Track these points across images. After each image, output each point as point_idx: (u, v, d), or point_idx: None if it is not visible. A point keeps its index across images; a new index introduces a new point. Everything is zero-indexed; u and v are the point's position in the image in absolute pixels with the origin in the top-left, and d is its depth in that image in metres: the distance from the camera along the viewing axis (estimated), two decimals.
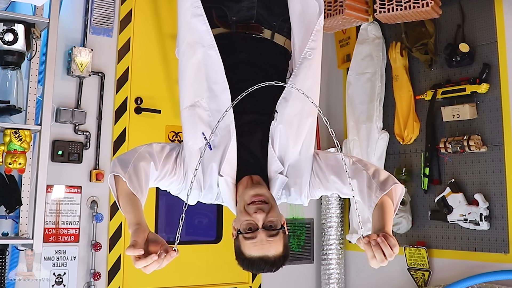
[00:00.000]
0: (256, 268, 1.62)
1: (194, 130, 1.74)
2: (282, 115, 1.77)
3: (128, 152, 1.72)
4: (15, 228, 2.95)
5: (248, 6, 1.90)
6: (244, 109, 1.76)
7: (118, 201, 1.59)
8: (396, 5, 3.25)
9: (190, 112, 1.77)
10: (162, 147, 1.75)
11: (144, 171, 1.62)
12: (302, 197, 1.81)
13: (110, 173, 1.62)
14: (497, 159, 3.16)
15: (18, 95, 2.88)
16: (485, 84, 3.19)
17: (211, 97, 1.76)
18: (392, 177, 1.72)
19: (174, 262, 1.40)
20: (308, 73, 1.81)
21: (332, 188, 1.78)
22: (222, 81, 1.74)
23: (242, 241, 1.61)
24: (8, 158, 2.81)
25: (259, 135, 1.80)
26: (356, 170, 1.73)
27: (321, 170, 1.77)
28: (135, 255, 1.32)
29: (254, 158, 1.80)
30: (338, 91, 4.21)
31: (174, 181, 1.75)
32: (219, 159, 1.73)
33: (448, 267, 3.34)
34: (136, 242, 1.35)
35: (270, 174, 1.78)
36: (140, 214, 1.50)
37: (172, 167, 1.73)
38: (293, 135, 1.78)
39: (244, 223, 1.60)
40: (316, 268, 4.06)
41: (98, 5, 3.33)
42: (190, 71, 1.77)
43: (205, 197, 1.81)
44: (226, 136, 1.73)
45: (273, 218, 1.60)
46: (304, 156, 1.80)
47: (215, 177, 1.74)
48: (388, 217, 1.58)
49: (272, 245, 1.59)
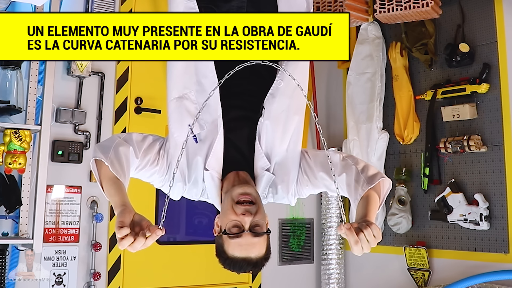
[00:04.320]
0: (237, 268, 1.62)
1: (180, 122, 1.74)
2: (269, 111, 1.76)
3: (108, 139, 1.74)
4: (15, 228, 2.95)
5: (238, 5, 1.91)
6: (232, 105, 1.76)
7: (102, 185, 1.60)
8: (396, 5, 3.26)
9: (177, 103, 1.77)
10: (143, 137, 1.75)
11: (125, 156, 1.63)
12: (289, 195, 1.81)
13: (92, 158, 1.63)
14: (497, 159, 3.16)
15: (18, 95, 2.88)
16: (485, 84, 3.19)
17: (200, 90, 1.76)
18: (381, 172, 1.72)
19: (174, 262, 1.40)
20: (297, 69, 1.81)
21: (320, 186, 1.78)
22: (211, 75, 1.74)
23: (226, 241, 1.60)
24: (8, 158, 2.81)
25: (246, 131, 1.80)
26: (345, 165, 1.74)
27: (309, 167, 1.77)
28: (122, 235, 1.32)
29: (241, 154, 1.79)
30: (338, 91, 4.21)
31: (156, 171, 1.74)
32: (205, 153, 1.73)
33: (448, 267, 3.35)
34: (123, 222, 1.35)
35: (256, 170, 1.78)
36: (124, 196, 1.51)
37: (155, 158, 1.72)
38: (280, 131, 1.78)
39: (230, 223, 1.59)
40: (316, 268, 4.06)
41: (98, 5, 3.33)
42: (180, 63, 1.77)
43: (190, 192, 1.80)
44: (213, 131, 1.73)
45: (259, 219, 1.59)
46: (291, 153, 1.79)
47: (201, 171, 1.73)
48: (371, 207, 1.57)
49: (256, 246, 1.59)
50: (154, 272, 3.39)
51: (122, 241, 1.32)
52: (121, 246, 1.33)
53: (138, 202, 3.25)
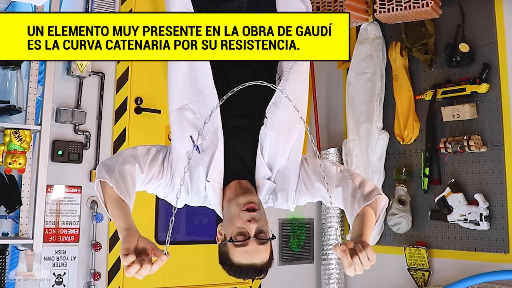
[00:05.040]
0: (244, 275, 1.62)
1: (181, 134, 1.73)
2: (272, 121, 1.76)
3: (112, 157, 1.72)
4: (15, 228, 2.95)
5: (238, 6, 1.90)
6: (233, 113, 1.76)
7: (106, 206, 1.58)
8: (396, 5, 3.26)
9: (178, 115, 1.75)
10: (147, 150, 1.73)
11: (130, 174, 1.62)
12: (288, 203, 1.81)
13: (96, 179, 1.61)
14: (497, 159, 3.16)
15: (18, 95, 2.88)
16: (485, 84, 3.19)
17: (200, 100, 1.74)
18: (378, 188, 1.71)
19: (174, 262, 1.40)
20: (298, 78, 1.81)
21: (317, 196, 1.78)
22: (211, 84, 1.73)
23: (231, 248, 1.60)
24: (8, 158, 2.81)
25: (247, 140, 1.79)
26: (342, 179, 1.74)
27: (307, 177, 1.77)
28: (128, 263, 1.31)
29: (243, 162, 1.79)
30: (338, 91, 4.21)
31: (161, 184, 1.74)
32: (207, 163, 1.72)
33: (448, 267, 3.34)
34: (128, 250, 1.34)
35: (257, 179, 1.78)
36: (129, 219, 1.49)
37: (159, 170, 1.72)
38: (283, 141, 1.78)
39: (236, 231, 1.59)
40: (316, 268, 4.06)
41: (98, 5, 3.33)
42: (179, 73, 1.76)
43: (192, 200, 1.80)
44: (214, 140, 1.73)
45: (263, 226, 1.60)
46: (292, 162, 1.79)
47: (203, 182, 1.73)
48: (367, 226, 1.57)
49: (262, 253, 1.59)
50: (154, 272, 3.38)
51: (129, 268, 1.31)
52: (127, 273, 1.32)
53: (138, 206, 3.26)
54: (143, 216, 3.32)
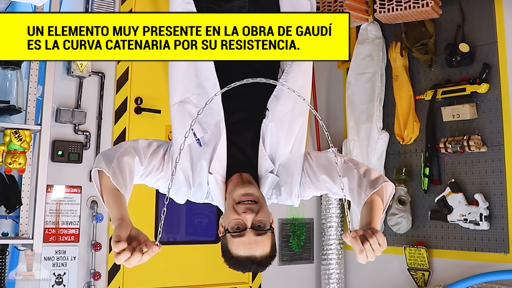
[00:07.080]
0: (242, 268, 1.62)
1: (183, 127, 1.73)
2: (273, 113, 1.76)
3: (113, 148, 1.72)
4: (15, 228, 2.95)
5: (240, 5, 1.90)
6: (235, 107, 1.76)
7: (102, 196, 1.59)
8: (396, 5, 3.26)
9: (179, 108, 1.76)
10: (149, 143, 1.74)
11: (129, 166, 1.62)
12: (292, 197, 1.81)
13: (94, 168, 1.62)
14: (497, 159, 3.16)
15: (18, 95, 2.88)
16: (485, 84, 3.19)
17: (201, 93, 1.75)
18: (383, 176, 1.72)
19: (174, 262, 1.40)
20: (300, 71, 1.81)
21: (322, 188, 1.78)
22: (212, 77, 1.74)
23: (229, 240, 1.61)
24: (8, 158, 2.81)
25: (250, 133, 1.80)
26: (347, 169, 1.74)
27: (312, 170, 1.77)
28: (119, 250, 1.31)
29: (245, 156, 1.79)
30: (338, 91, 4.21)
31: (161, 177, 1.74)
32: (209, 156, 1.73)
33: (448, 267, 3.35)
34: (120, 237, 1.34)
35: (260, 172, 1.78)
36: (123, 209, 1.49)
37: (160, 164, 1.72)
38: (284, 133, 1.78)
39: (233, 222, 1.60)
40: (316, 268, 4.06)
41: (98, 5, 3.33)
42: (181, 67, 1.77)
43: (195, 196, 1.80)
44: (216, 134, 1.73)
45: (262, 218, 1.60)
46: (295, 155, 1.79)
47: (205, 175, 1.73)
48: (376, 213, 1.57)
49: (260, 245, 1.59)
50: (154, 272, 3.39)
51: (118, 255, 1.31)
52: (117, 260, 1.32)
53: (138, 205, 3.27)
54: (143, 216, 3.32)
